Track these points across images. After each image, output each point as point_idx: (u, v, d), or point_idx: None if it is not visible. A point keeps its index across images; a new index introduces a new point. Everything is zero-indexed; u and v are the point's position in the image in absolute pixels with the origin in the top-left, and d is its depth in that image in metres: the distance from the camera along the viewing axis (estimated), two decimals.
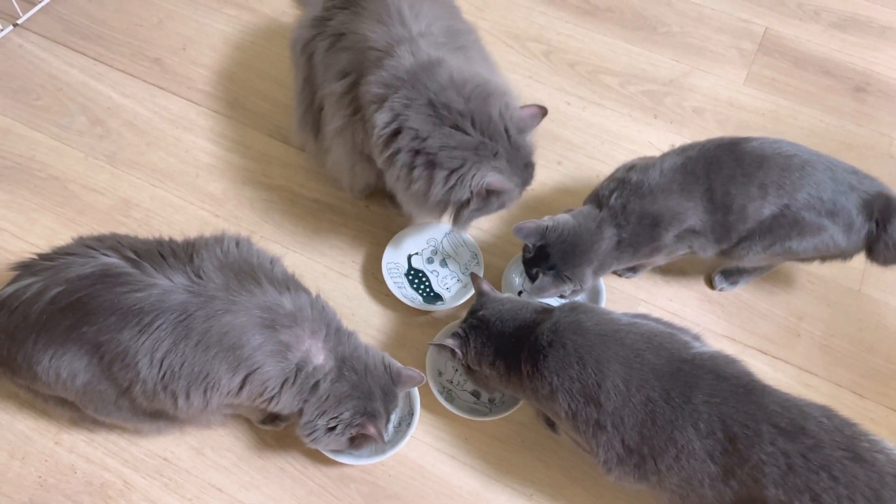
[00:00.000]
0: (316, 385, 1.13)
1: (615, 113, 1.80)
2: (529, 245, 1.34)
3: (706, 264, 1.55)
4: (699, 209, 1.28)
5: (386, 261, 1.49)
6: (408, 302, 1.44)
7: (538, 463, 1.32)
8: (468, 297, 1.45)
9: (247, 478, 1.29)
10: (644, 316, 1.16)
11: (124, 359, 1.04)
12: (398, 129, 1.22)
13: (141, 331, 1.03)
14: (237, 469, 1.30)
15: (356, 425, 1.15)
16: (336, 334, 1.17)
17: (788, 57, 1.92)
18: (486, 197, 1.25)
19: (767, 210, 1.26)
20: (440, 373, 1.39)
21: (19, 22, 1.86)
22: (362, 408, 1.15)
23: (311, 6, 1.45)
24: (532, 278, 1.34)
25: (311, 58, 1.38)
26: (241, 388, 1.08)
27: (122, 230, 1.46)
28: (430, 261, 1.54)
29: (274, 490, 1.28)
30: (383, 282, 1.47)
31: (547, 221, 1.33)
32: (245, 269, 1.12)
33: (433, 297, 1.49)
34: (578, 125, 1.77)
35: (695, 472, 0.99)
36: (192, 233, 1.41)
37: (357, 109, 1.30)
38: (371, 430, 1.15)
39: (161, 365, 1.04)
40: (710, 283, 1.53)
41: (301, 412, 1.15)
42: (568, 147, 1.73)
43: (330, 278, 1.52)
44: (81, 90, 1.76)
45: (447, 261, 1.54)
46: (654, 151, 1.40)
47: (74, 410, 1.20)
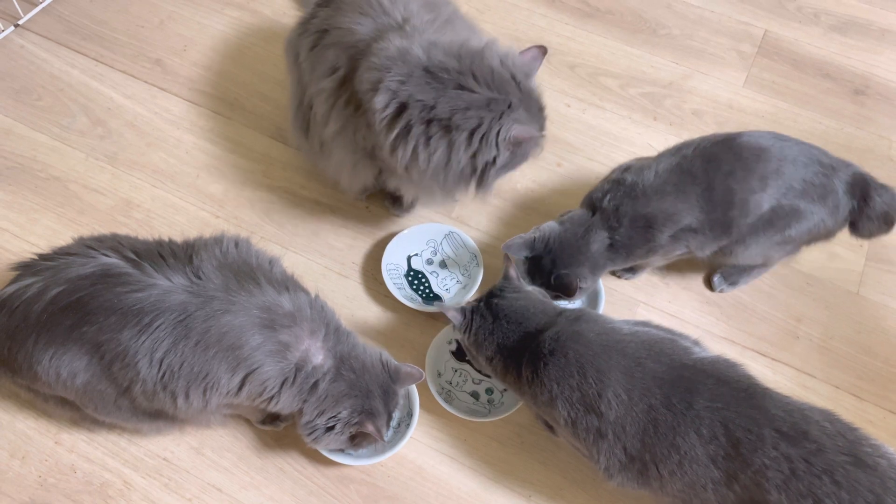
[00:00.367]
0: (315, 385, 1.13)
1: (615, 115, 1.80)
2: (524, 258, 1.36)
3: (705, 265, 1.56)
4: (695, 208, 1.28)
5: (385, 262, 1.50)
6: (407, 303, 1.45)
7: (537, 464, 1.32)
8: (468, 298, 1.46)
9: (246, 478, 1.29)
10: (645, 323, 1.16)
11: (124, 358, 1.05)
12: (402, 106, 1.19)
13: (141, 331, 1.03)
14: (237, 469, 1.30)
15: (355, 424, 1.15)
16: (335, 334, 1.17)
17: (788, 59, 1.93)
18: (512, 151, 1.23)
19: (767, 203, 1.27)
20: (439, 374, 1.39)
21: (20, 22, 1.86)
22: (360, 406, 1.15)
23: (311, 6, 1.46)
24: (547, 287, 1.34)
25: (297, 58, 1.38)
26: (241, 388, 1.08)
27: (123, 231, 1.47)
28: (430, 262, 1.54)
29: (273, 490, 1.28)
30: (383, 283, 1.48)
31: (533, 233, 1.34)
32: (244, 270, 1.12)
33: (433, 298, 1.49)
34: (578, 127, 1.77)
35: (698, 478, 0.99)
36: (193, 233, 1.41)
37: (357, 106, 1.28)
38: (369, 428, 1.15)
39: (161, 365, 1.04)
40: (709, 285, 1.54)
41: (301, 412, 1.15)
42: (568, 149, 1.74)
43: (330, 279, 1.53)
44: (82, 91, 1.77)
45: (447, 262, 1.54)
46: (654, 153, 1.41)
47: (74, 410, 1.20)
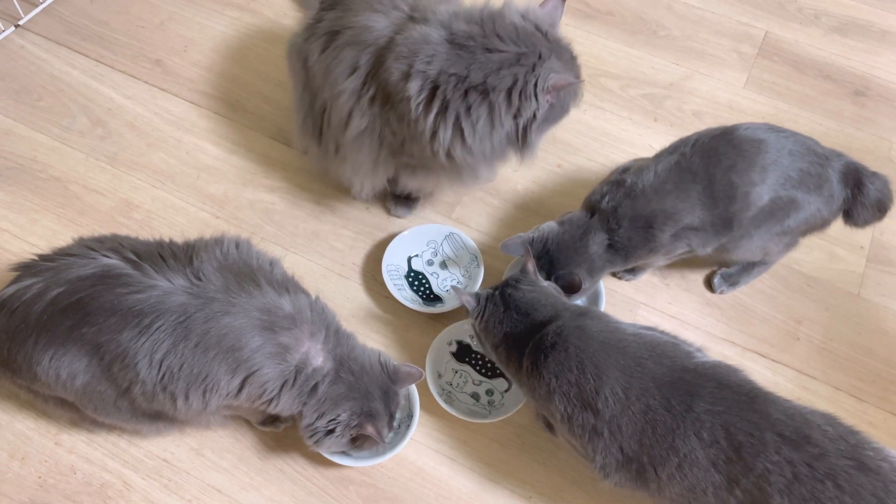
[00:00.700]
0: (315, 387, 1.13)
1: (615, 116, 1.80)
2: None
3: (706, 266, 1.56)
4: (696, 206, 1.28)
5: (386, 262, 1.50)
6: (407, 304, 1.45)
7: (537, 465, 1.32)
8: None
9: (246, 479, 1.29)
10: (652, 328, 1.15)
11: (124, 360, 1.04)
12: (436, 85, 1.19)
13: (141, 332, 1.03)
14: (237, 470, 1.30)
15: (354, 426, 1.15)
16: (335, 336, 1.17)
17: (788, 61, 1.93)
18: (552, 103, 1.22)
19: (767, 194, 1.27)
20: (439, 375, 1.39)
21: (21, 23, 1.86)
22: (359, 408, 1.15)
23: (312, 9, 1.45)
24: None
25: (306, 62, 1.38)
26: (241, 390, 1.08)
27: (123, 231, 1.47)
28: (430, 263, 1.54)
29: (273, 492, 1.28)
30: (383, 283, 1.48)
31: (532, 233, 1.35)
32: (244, 271, 1.12)
33: (433, 299, 1.49)
34: (578, 128, 1.77)
35: (698, 482, 0.99)
36: (193, 234, 1.41)
37: (385, 101, 1.27)
38: (369, 430, 1.15)
39: (160, 366, 1.04)
40: (710, 286, 1.53)
41: (301, 415, 1.15)
42: (568, 150, 1.74)
43: (330, 280, 1.52)
44: (83, 91, 1.77)
45: (447, 263, 1.54)
46: (653, 154, 1.41)
47: (74, 411, 1.20)
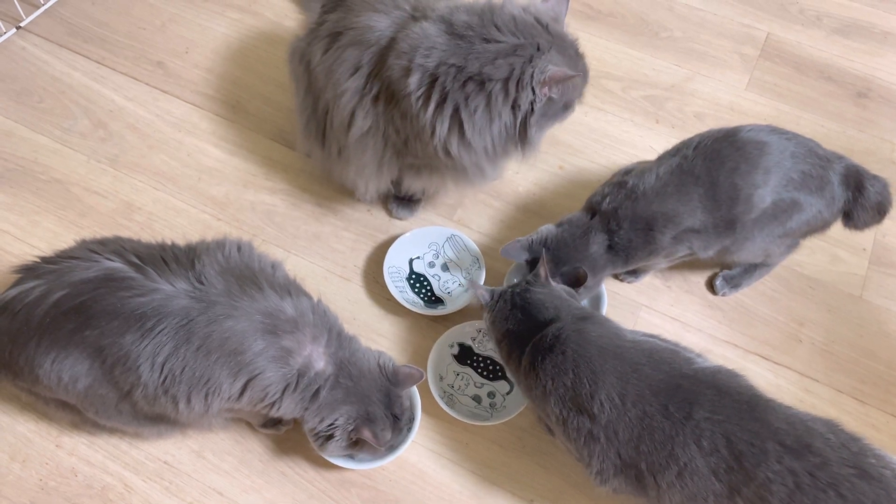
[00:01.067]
0: (317, 392, 1.13)
1: (617, 118, 1.80)
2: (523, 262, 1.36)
3: (707, 268, 1.55)
4: (697, 209, 1.28)
5: (387, 265, 1.49)
6: (409, 306, 1.44)
7: (539, 468, 1.32)
8: (469, 301, 1.45)
9: (247, 482, 1.29)
10: (654, 336, 1.14)
11: (126, 363, 1.04)
12: (434, 77, 1.19)
13: (143, 335, 1.03)
14: (238, 473, 1.30)
15: (352, 430, 1.15)
16: (337, 339, 1.17)
17: (790, 62, 1.92)
18: (551, 98, 1.21)
19: (770, 196, 1.27)
20: (441, 377, 1.39)
21: (22, 24, 1.86)
22: (356, 412, 1.15)
23: (313, 11, 1.45)
24: None
25: (309, 65, 1.38)
26: (242, 394, 1.08)
27: (125, 233, 1.46)
28: (432, 265, 1.54)
29: (274, 494, 1.28)
30: (385, 286, 1.47)
31: (532, 236, 1.35)
32: (246, 274, 1.12)
33: (434, 301, 1.49)
34: (580, 130, 1.77)
35: (699, 490, 0.99)
36: (195, 236, 1.41)
37: (388, 99, 1.27)
38: (366, 434, 1.14)
39: (162, 369, 1.04)
40: (712, 288, 1.53)
41: (304, 419, 1.15)
42: (569, 151, 1.73)
43: (331, 282, 1.52)
44: (84, 93, 1.77)
45: (449, 265, 1.54)
46: (655, 156, 1.40)
47: (76, 413, 1.20)
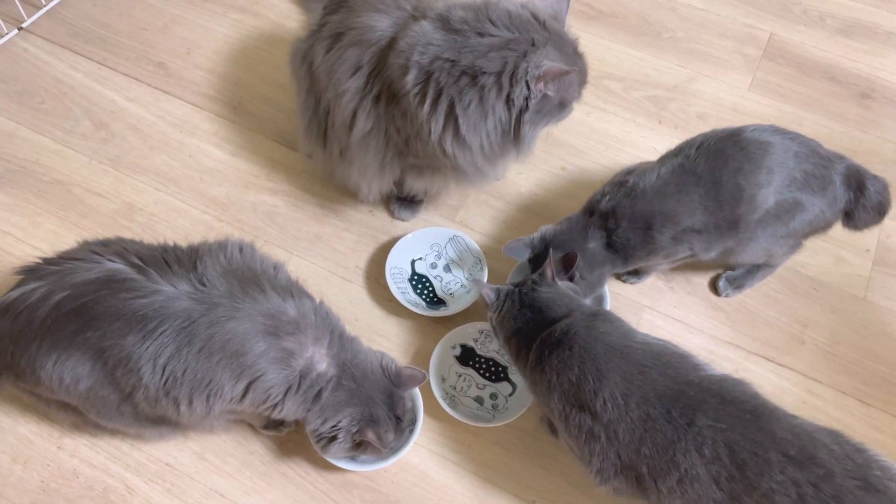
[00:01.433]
0: (319, 393, 1.12)
1: (619, 118, 1.80)
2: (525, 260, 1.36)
3: (710, 269, 1.55)
4: (697, 209, 1.28)
5: (389, 265, 1.49)
6: (411, 307, 1.44)
7: (541, 470, 1.32)
8: (472, 302, 1.45)
9: (249, 483, 1.29)
10: (666, 341, 1.13)
11: (127, 364, 1.04)
12: (429, 72, 1.19)
13: (144, 337, 1.03)
14: (239, 474, 1.30)
15: (355, 432, 1.15)
16: (339, 341, 1.16)
17: (793, 63, 1.92)
18: (546, 94, 1.20)
19: (773, 197, 1.27)
20: (443, 378, 1.38)
21: (24, 26, 1.86)
22: (359, 414, 1.15)
23: (315, 12, 1.45)
24: None
25: (311, 66, 1.37)
26: (244, 396, 1.08)
27: (126, 234, 1.46)
28: (434, 266, 1.54)
29: (276, 496, 1.28)
30: (387, 287, 1.47)
31: (534, 234, 1.36)
32: (248, 276, 1.12)
33: (437, 303, 1.49)
34: (582, 130, 1.77)
35: (699, 498, 0.98)
36: (196, 237, 1.41)
37: (390, 98, 1.27)
38: (369, 436, 1.14)
39: (164, 371, 1.04)
40: (715, 290, 1.53)
41: (306, 420, 1.15)
42: (572, 152, 1.73)
43: (333, 283, 1.52)
44: (86, 94, 1.77)
45: (451, 266, 1.54)
46: (658, 157, 1.40)
47: (77, 415, 1.20)
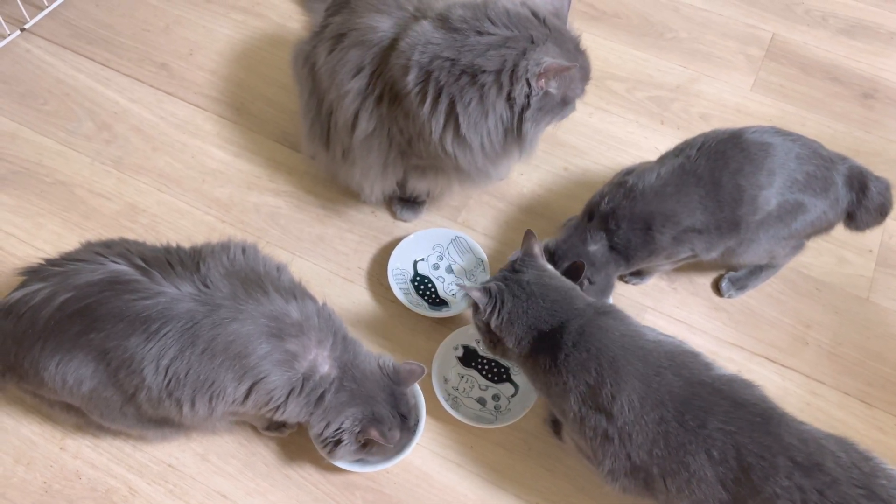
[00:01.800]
0: (322, 395, 1.12)
1: (622, 119, 1.79)
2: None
3: (713, 270, 1.55)
4: (697, 209, 1.28)
5: (392, 266, 1.49)
6: (413, 308, 1.44)
7: (544, 471, 1.32)
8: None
9: (252, 484, 1.29)
10: (673, 337, 1.13)
11: (130, 365, 1.04)
12: (429, 71, 1.19)
13: (147, 338, 1.03)
14: (242, 476, 1.30)
15: (358, 432, 1.15)
16: (342, 343, 1.16)
17: (796, 63, 1.92)
18: (547, 92, 1.20)
19: (775, 198, 1.27)
20: (446, 380, 1.38)
21: (27, 27, 1.86)
22: (361, 414, 1.15)
23: (317, 12, 1.45)
24: None
25: (314, 67, 1.37)
26: (247, 397, 1.08)
27: (129, 235, 1.46)
28: (436, 267, 1.54)
29: (279, 497, 1.28)
30: (389, 288, 1.47)
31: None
32: (252, 278, 1.12)
33: (439, 303, 1.49)
34: (585, 131, 1.76)
35: (706, 498, 0.98)
36: (199, 238, 1.41)
37: (392, 98, 1.27)
38: (373, 434, 1.14)
39: (167, 372, 1.04)
40: (718, 290, 1.53)
41: (309, 424, 1.15)
42: (574, 153, 1.73)
43: (335, 284, 1.52)
44: (88, 95, 1.77)
45: (453, 267, 1.54)
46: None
47: (80, 416, 1.20)
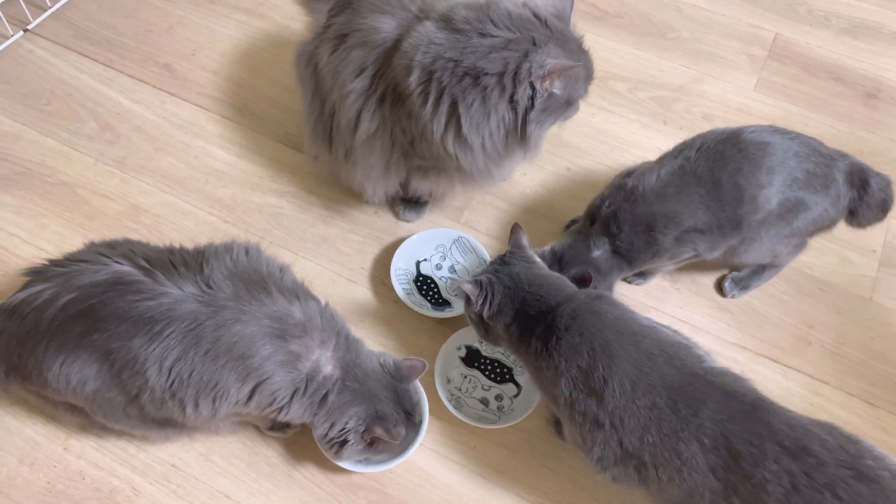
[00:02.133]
0: (325, 396, 1.13)
1: (624, 119, 1.79)
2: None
3: (716, 270, 1.55)
4: (698, 209, 1.28)
5: (394, 267, 1.49)
6: (416, 308, 1.44)
7: (547, 471, 1.32)
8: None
9: (255, 485, 1.29)
10: (666, 326, 1.14)
11: (134, 366, 1.04)
12: (431, 72, 1.19)
13: (151, 339, 1.03)
14: (245, 476, 1.30)
15: (363, 431, 1.15)
16: (345, 343, 1.16)
17: (799, 63, 1.91)
18: (551, 93, 1.20)
19: (775, 197, 1.27)
20: (448, 380, 1.38)
21: (29, 27, 1.87)
22: (364, 412, 1.15)
23: (320, 13, 1.45)
24: None
25: (316, 67, 1.37)
26: (251, 398, 1.08)
27: (132, 236, 1.46)
28: (439, 267, 1.54)
29: (282, 497, 1.28)
30: (392, 288, 1.47)
31: (545, 248, 1.36)
32: (254, 278, 1.12)
33: (442, 304, 1.49)
34: (587, 131, 1.76)
35: (696, 486, 0.99)
36: (202, 238, 1.41)
37: (395, 99, 1.27)
38: (378, 431, 1.14)
39: (170, 373, 1.04)
40: (721, 290, 1.52)
41: (314, 425, 1.15)
42: (577, 153, 1.73)
43: (338, 284, 1.52)
44: (91, 95, 1.77)
45: (456, 267, 1.54)
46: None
47: (83, 416, 1.20)
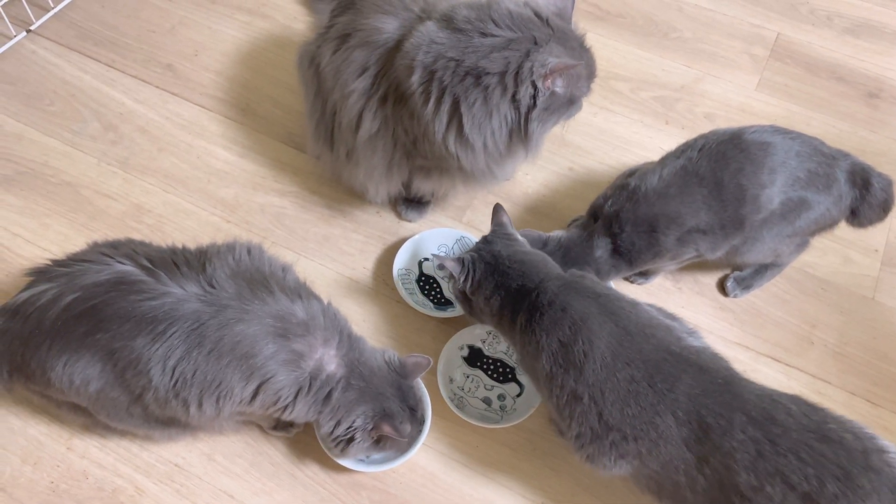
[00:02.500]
0: (329, 394, 1.13)
1: (626, 119, 1.79)
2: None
3: (718, 270, 1.55)
4: (701, 210, 1.28)
5: (397, 266, 1.49)
6: (419, 308, 1.44)
7: (549, 471, 1.32)
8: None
9: (258, 484, 1.29)
10: (652, 305, 1.16)
11: (137, 366, 1.04)
12: (433, 71, 1.19)
13: (154, 338, 1.03)
14: (248, 475, 1.30)
15: (371, 429, 1.15)
16: (348, 341, 1.17)
17: (801, 63, 1.91)
18: (553, 91, 1.20)
19: (777, 197, 1.27)
20: (451, 380, 1.39)
21: (32, 28, 1.87)
22: (372, 410, 1.15)
23: (322, 13, 1.46)
24: None
25: (318, 67, 1.38)
26: (254, 398, 1.08)
27: (135, 236, 1.46)
28: (441, 267, 1.54)
29: (285, 497, 1.28)
30: (394, 288, 1.47)
31: (549, 234, 1.37)
32: (257, 278, 1.12)
33: (444, 304, 1.49)
34: (589, 131, 1.76)
35: (671, 458, 1.02)
36: (204, 238, 1.41)
37: (397, 99, 1.27)
38: (386, 429, 1.14)
39: (173, 373, 1.04)
40: (723, 290, 1.53)
41: (318, 423, 1.16)
42: (579, 153, 1.73)
43: (341, 284, 1.52)
44: (94, 96, 1.77)
45: None
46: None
47: (87, 416, 1.20)
